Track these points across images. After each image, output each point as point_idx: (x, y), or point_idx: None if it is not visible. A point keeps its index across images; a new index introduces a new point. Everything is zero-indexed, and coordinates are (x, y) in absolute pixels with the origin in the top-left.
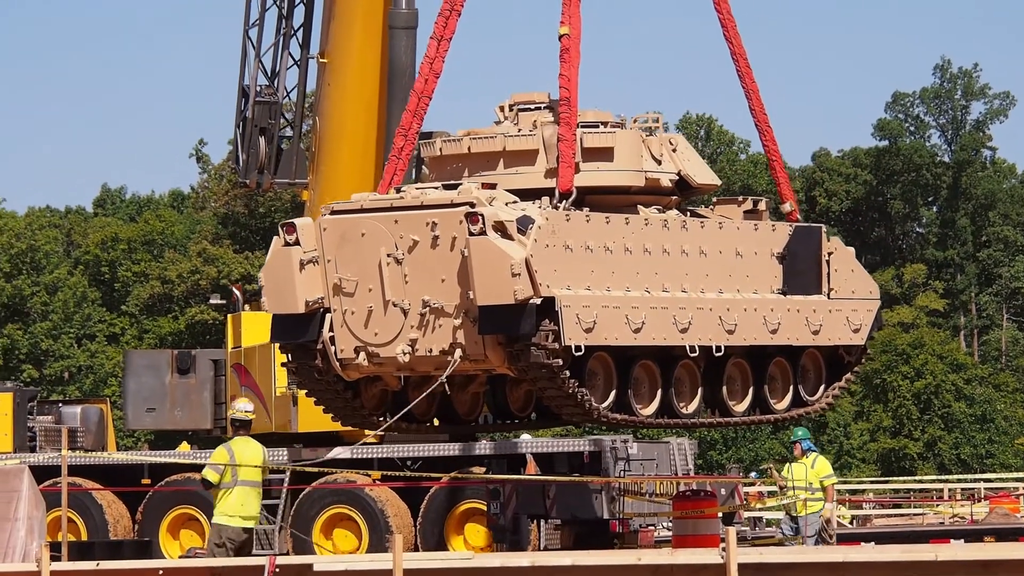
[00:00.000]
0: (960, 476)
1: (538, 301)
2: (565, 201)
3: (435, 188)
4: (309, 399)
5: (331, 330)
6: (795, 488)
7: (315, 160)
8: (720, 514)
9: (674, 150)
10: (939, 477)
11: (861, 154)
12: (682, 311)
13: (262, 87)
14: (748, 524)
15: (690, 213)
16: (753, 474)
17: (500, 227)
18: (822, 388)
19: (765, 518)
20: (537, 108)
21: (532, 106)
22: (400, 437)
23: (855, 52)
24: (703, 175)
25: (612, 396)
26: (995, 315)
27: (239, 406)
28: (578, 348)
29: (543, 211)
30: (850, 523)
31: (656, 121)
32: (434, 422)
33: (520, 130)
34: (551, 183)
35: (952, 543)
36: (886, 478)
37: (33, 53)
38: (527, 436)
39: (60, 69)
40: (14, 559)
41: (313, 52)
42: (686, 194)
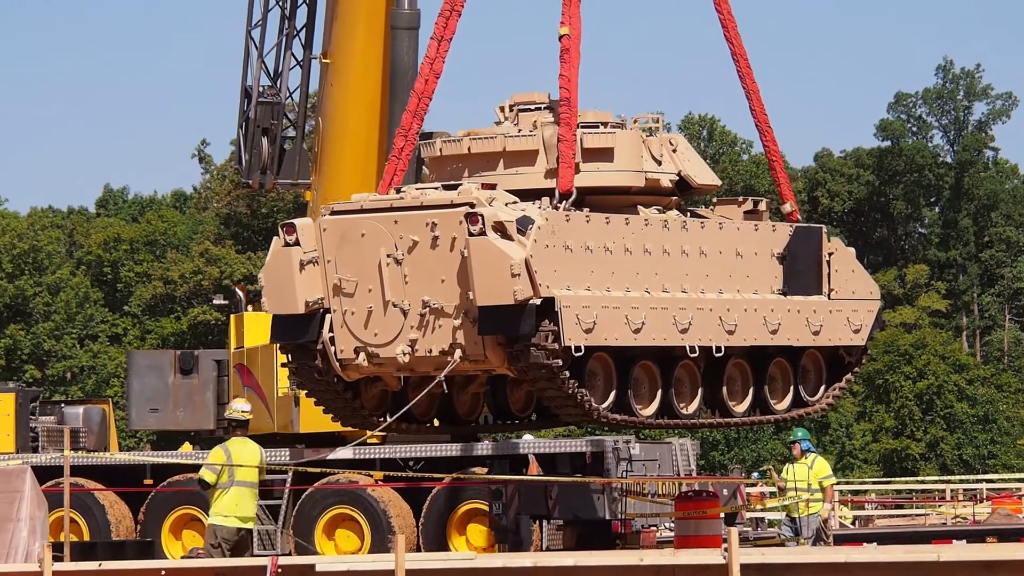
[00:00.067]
0: (962, 477)
1: (538, 301)
2: (565, 201)
3: (435, 188)
4: (311, 400)
5: (331, 330)
6: (796, 489)
7: (317, 160)
8: (722, 515)
9: (674, 150)
10: (941, 478)
11: (863, 154)
12: (682, 311)
13: (265, 88)
14: (750, 525)
15: (690, 213)
16: (755, 475)
17: (500, 227)
18: (822, 389)
19: (767, 519)
20: (537, 108)
21: (532, 106)
22: (402, 437)
23: (857, 53)
24: (703, 175)
25: (612, 396)
26: (997, 316)
27: (236, 406)
28: (578, 348)
29: (543, 211)
30: (852, 524)
31: (656, 121)
32: (434, 423)
33: (520, 130)
34: (551, 183)
35: (954, 544)
36: (888, 479)
37: (35, 53)
38: (529, 437)
39: (62, 69)
40: (17, 560)
41: (316, 53)
42: (686, 194)
